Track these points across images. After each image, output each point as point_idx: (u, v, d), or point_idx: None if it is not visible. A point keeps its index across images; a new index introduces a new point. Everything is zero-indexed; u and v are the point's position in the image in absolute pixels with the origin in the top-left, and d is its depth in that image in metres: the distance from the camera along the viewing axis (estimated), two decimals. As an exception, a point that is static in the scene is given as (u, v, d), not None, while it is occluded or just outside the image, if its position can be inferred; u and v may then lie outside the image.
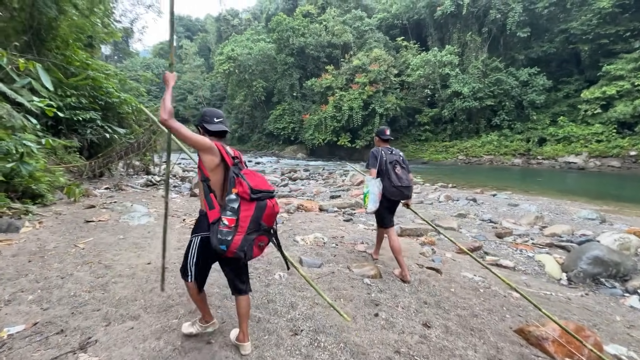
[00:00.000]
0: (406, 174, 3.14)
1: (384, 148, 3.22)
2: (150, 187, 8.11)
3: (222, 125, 1.89)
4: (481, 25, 26.21)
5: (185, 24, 57.15)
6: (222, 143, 1.84)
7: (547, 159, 22.61)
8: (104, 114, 12.85)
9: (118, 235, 3.84)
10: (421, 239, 5.04)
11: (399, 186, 3.05)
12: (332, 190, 10.54)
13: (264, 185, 1.68)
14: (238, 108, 39.73)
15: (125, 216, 4.58)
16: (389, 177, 3.04)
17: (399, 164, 3.13)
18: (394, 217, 3.37)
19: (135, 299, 2.40)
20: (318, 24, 31.53)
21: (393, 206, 3.24)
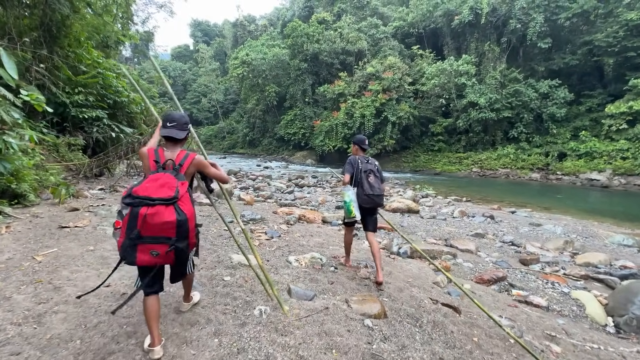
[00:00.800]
0: (379, 183, 3.21)
1: (360, 157, 3.30)
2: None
3: (169, 130, 1.89)
4: (500, 35, 25.42)
5: (204, 29, 58.17)
6: (170, 148, 1.90)
7: (568, 175, 21.44)
8: (112, 112, 12.68)
9: (88, 246, 3.37)
10: (435, 261, 4.41)
11: (370, 194, 3.11)
12: (339, 200, 9.97)
13: (151, 191, 1.60)
14: (250, 112, 39.76)
15: (106, 223, 4.13)
16: (362, 186, 3.12)
17: (373, 173, 3.19)
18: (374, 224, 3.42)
19: (72, 338, 1.88)
20: (333, 31, 31.33)
21: (365, 213, 3.27)
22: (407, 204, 8.60)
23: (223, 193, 2.56)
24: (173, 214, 1.58)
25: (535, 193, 16.64)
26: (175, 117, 1.91)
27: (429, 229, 6.65)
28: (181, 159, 1.85)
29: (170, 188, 1.63)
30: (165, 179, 1.67)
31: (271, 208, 7.30)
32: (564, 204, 13.01)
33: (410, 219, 7.64)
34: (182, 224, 1.60)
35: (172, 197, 1.60)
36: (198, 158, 1.93)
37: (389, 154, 28.24)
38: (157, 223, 1.56)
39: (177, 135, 1.90)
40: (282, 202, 8.46)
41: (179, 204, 1.62)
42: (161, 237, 1.59)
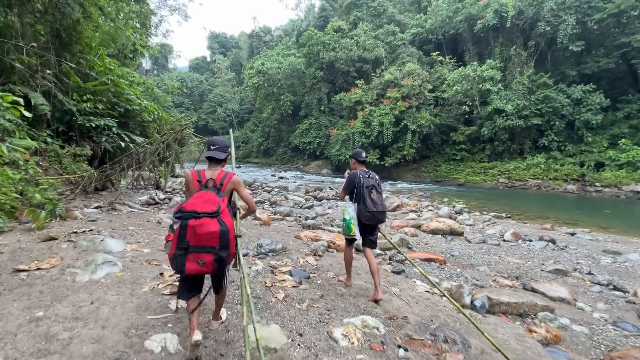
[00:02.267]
0: (381, 198, 3.09)
1: (361, 171, 3.16)
2: (152, 207, 6.70)
3: (212, 152, 2.14)
4: (527, 39, 23.86)
5: (220, 41, 58.77)
6: (212, 168, 2.13)
7: (608, 187, 19.42)
8: (124, 121, 11.98)
9: (37, 309, 2.26)
10: (525, 322, 3.08)
11: (373, 211, 2.98)
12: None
13: (198, 206, 1.81)
14: (265, 121, 39.20)
15: (81, 262, 3.04)
16: (365, 202, 2.99)
17: (375, 189, 3.06)
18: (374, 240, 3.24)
19: None
20: (349, 39, 30.50)
21: (367, 229, 3.13)
22: (449, 224, 7.26)
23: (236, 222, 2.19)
24: (217, 225, 1.80)
25: (578, 208, 14.84)
26: (217, 142, 2.19)
27: (488, 259, 5.30)
28: (221, 178, 2.08)
29: (213, 204, 1.85)
30: (208, 196, 1.90)
31: (292, 230, 6.12)
32: (621, 221, 11.28)
33: (457, 244, 6.30)
34: (224, 234, 1.82)
35: (215, 211, 1.82)
36: (235, 178, 2.14)
37: (409, 164, 26.79)
38: (203, 233, 1.77)
39: (219, 156, 2.13)
40: (304, 221, 7.27)
41: (221, 217, 1.84)
42: (207, 246, 1.80)
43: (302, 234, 5.51)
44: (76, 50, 10.11)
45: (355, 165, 3.27)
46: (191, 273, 1.83)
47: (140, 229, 4.76)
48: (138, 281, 2.84)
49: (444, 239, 6.85)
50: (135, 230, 4.68)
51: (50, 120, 8.84)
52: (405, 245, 5.98)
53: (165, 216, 5.79)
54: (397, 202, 10.95)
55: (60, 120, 9.06)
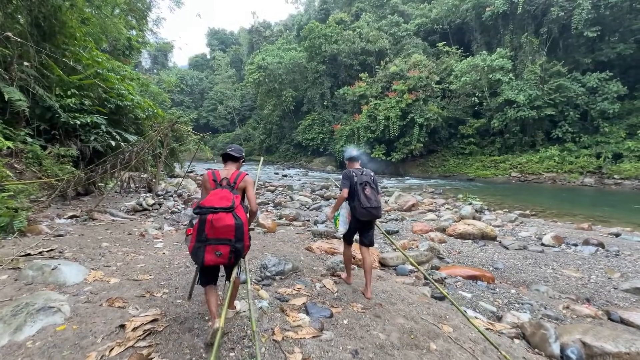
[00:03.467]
0: (375, 194, 3.06)
1: (354, 169, 3.19)
2: (138, 214, 5.76)
3: (228, 150, 2.40)
4: (538, 26, 22.59)
5: (220, 37, 57.52)
6: (227, 167, 2.37)
7: (628, 179, 18.31)
8: (116, 118, 11.07)
9: None
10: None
11: (367, 207, 2.95)
12: (382, 219, 7.76)
13: (215, 202, 1.96)
14: (267, 118, 38.19)
15: (7, 309, 2.09)
16: (359, 199, 2.98)
17: (369, 185, 3.05)
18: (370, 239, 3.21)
19: None
20: (351, 31, 29.30)
21: (363, 226, 3.13)
22: (480, 228, 6.27)
23: None
24: (232, 219, 1.95)
25: (603, 202, 13.76)
26: (234, 145, 2.49)
27: (542, 273, 4.32)
28: (235, 177, 2.25)
29: (228, 200, 2.00)
30: (223, 193, 2.06)
31: (301, 239, 5.18)
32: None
33: (494, 252, 5.32)
34: (239, 227, 1.97)
35: (229, 207, 1.97)
36: (248, 177, 2.32)
37: (415, 159, 25.72)
38: (221, 226, 1.92)
39: (234, 153, 2.37)
40: (313, 227, 6.32)
41: (235, 211, 1.98)
42: (223, 238, 1.94)
43: (314, 246, 4.56)
44: (59, 42, 9.14)
45: (348, 164, 3.33)
46: (210, 264, 1.97)
47: (116, 246, 3.83)
48: (83, 341, 1.89)
49: (476, 245, 5.87)
50: (110, 247, 3.74)
51: (29, 118, 7.93)
52: (436, 255, 5.01)
53: (153, 226, 4.86)
54: (411, 200, 9.96)
55: (42, 117, 8.14)
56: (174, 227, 5.22)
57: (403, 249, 5.23)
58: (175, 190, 8.41)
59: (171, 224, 5.43)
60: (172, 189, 8.47)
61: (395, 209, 9.66)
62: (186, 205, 6.38)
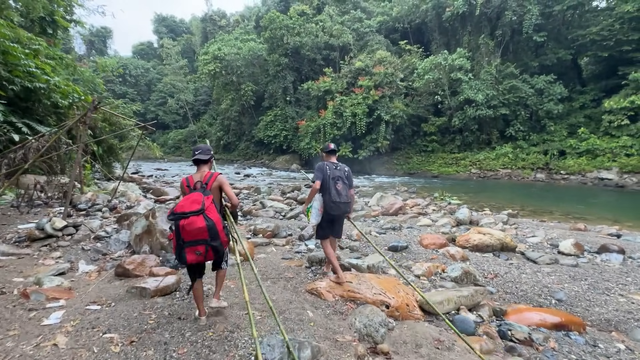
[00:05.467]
0: (346, 189, 3.10)
1: (329, 162, 3.18)
2: (37, 245, 3.68)
3: (197, 155, 2.43)
4: (494, 28, 23.32)
5: (168, 25, 51.85)
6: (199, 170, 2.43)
7: (573, 174, 19.58)
8: (25, 105, 8.46)
9: None
10: None
11: (337, 202, 2.98)
12: (377, 226, 6.45)
13: (185, 207, 2.07)
14: (224, 114, 35.13)
15: None
16: (329, 192, 2.99)
17: (341, 180, 3.07)
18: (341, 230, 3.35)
19: None
20: (314, 24, 27.81)
21: (334, 220, 3.15)
22: (498, 238, 5.26)
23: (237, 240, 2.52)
24: (203, 221, 2.05)
25: (564, 197, 14.19)
26: (200, 147, 2.51)
27: (615, 304, 3.31)
28: (207, 178, 2.35)
29: (198, 203, 2.10)
30: (194, 196, 2.15)
31: (294, 273, 3.61)
32: (621, 213, 10.46)
33: (532, 271, 4.29)
34: (211, 227, 2.08)
35: (199, 210, 2.07)
36: (220, 177, 2.39)
37: (381, 156, 25.24)
38: (193, 229, 2.04)
39: (203, 157, 2.44)
40: (303, 247, 4.79)
41: (206, 213, 2.09)
42: (199, 239, 2.07)
43: (320, 287, 3.03)
44: None
45: (324, 157, 3.30)
46: (192, 262, 2.14)
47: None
48: None
49: (500, 259, 4.84)
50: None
51: None
52: (471, 282, 3.81)
53: (54, 269, 2.92)
54: (397, 203, 8.86)
55: None
56: (96, 266, 3.30)
57: (428, 275, 3.95)
58: (108, 201, 6.21)
59: (93, 258, 3.49)
60: (104, 199, 6.24)
61: (382, 213, 8.48)
62: (120, 226, 4.37)
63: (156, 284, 2.63)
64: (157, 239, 3.59)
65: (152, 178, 16.74)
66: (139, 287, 2.60)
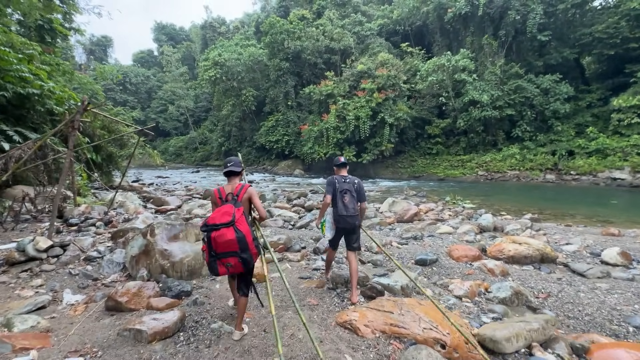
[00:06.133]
0: (354, 202, 3.09)
1: (338, 176, 3.21)
2: (16, 271, 3.14)
3: (228, 168, 2.48)
4: (497, 29, 22.94)
5: (168, 32, 51.79)
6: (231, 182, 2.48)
7: (584, 175, 19.00)
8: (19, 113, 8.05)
9: None
10: None
11: (343, 215, 3.04)
12: (395, 235, 5.90)
13: (217, 219, 2.11)
14: (225, 119, 34.74)
15: None
16: (337, 206, 3.07)
17: (349, 193, 3.09)
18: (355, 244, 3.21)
19: None
20: (315, 28, 27.53)
21: (345, 234, 3.19)
22: (537, 247, 4.71)
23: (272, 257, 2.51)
24: (233, 233, 2.08)
25: (580, 199, 13.62)
26: (232, 159, 2.54)
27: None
28: (238, 190, 2.38)
29: (229, 215, 2.13)
30: (225, 208, 2.18)
31: (317, 297, 3.07)
32: None
33: (579, 285, 3.73)
34: (241, 239, 2.09)
35: (230, 221, 2.10)
36: (250, 189, 2.44)
37: (385, 160, 24.74)
38: (223, 241, 2.07)
39: (236, 169, 2.47)
40: (319, 262, 4.24)
41: (236, 225, 2.11)
42: (229, 251, 2.10)
43: (352, 319, 2.47)
44: None
45: (335, 171, 3.30)
46: (223, 274, 2.24)
47: None
48: None
49: (542, 273, 4.29)
50: None
51: None
52: (522, 304, 3.26)
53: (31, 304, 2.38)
54: (412, 209, 8.31)
55: None
56: (84, 295, 2.75)
57: (471, 296, 3.39)
58: (105, 213, 5.68)
59: (81, 285, 2.94)
60: (100, 211, 5.71)
61: (397, 220, 7.93)
62: (115, 244, 3.82)
63: (155, 325, 2.10)
64: (157, 261, 3.05)
65: (153, 186, 16.23)
66: (133, 329, 2.06)
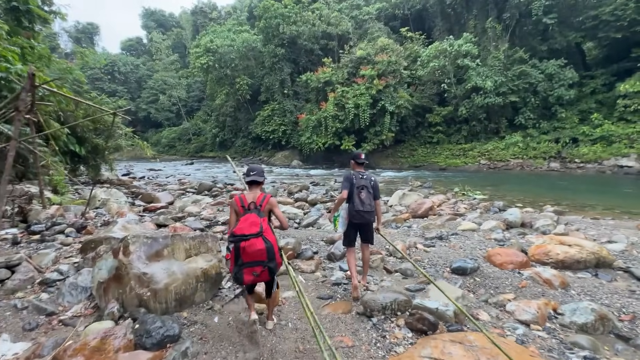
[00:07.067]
0: (370, 199, 3.08)
1: (355, 172, 3.18)
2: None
3: (252, 177, 2.39)
4: (500, 11, 21.90)
5: (157, 19, 49.36)
6: (252, 191, 2.40)
7: (589, 163, 18.46)
8: None
9: None
10: None
11: (360, 210, 3.02)
12: (416, 234, 5.16)
13: (245, 230, 2.09)
14: (219, 109, 33.41)
15: None
16: (353, 201, 3.04)
17: (366, 189, 3.08)
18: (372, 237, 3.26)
19: None
20: (311, 12, 26.14)
21: (359, 229, 3.20)
22: (592, 250, 3.99)
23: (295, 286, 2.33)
24: (262, 243, 2.09)
25: (591, 188, 13.01)
26: (255, 168, 2.48)
27: None
28: (260, 200, 2.30)
29: (256, 225, 2.12)
30: (252, 218, 2.16)
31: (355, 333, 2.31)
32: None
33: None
34: (269, 249, 2.11)
35: (259, 232, 2.10)
36: (272, 199, 2.37)
37: (385, 150, 23.91)
38: (253, 251, 2.07)
39: (259, 179, 2.40)
40: (339, 275, 3.48)
41: (264, 235, 2.12)
42: (257, 261, 2.11)
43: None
44: None
45: (353, 166, 3.27)
46: (249, 283, 2.25)
47: None
48: None
49: (604, 282, 3.57)
50: None
51: None
52: (608, 331, 2.53)
53: None
54: (427, 203, 7.55)
55: None
56: (29, 342, 1.93)
57: (542, 322, 2.63)
58: (82, 214, 4.80)
59: (27, 327, 2.11)
60: (77, 212, 4.82)
61: (411, 215, 7.17)
62: (84, 259, 2.93)
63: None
64: (132, 289, 2.23)
65: (143, 180, 15.24)
66: None
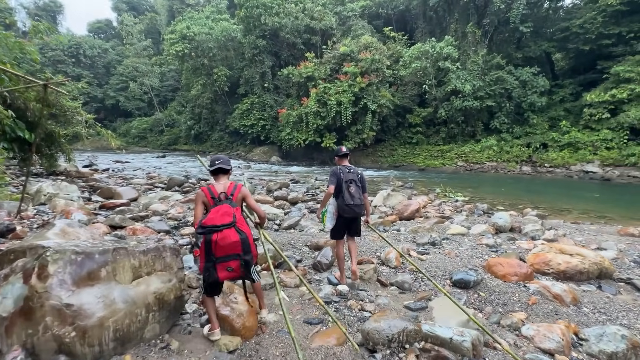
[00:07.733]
0: (359, 192, 3.08)
1: (342, 166, 3.18)
2: None
3: (217, 165, 2.26)
4: (481, 17, 22.31)
5: (130, 1, 45.98)
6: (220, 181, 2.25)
7: (557, 167, 19.27)
8: None
9: None
10: None
11: (350, 204, 3.00)
12: (407, 239, 4.74)
13: (216, 220, 1.95)
14: (195, 101, 31.69)
15: None
16: (343, 196, 3.01)
17: (354, 183, 3.06)
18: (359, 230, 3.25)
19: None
20: (294, 5, 25.29)
21: (349, 223, 3.15)
22: (594, 260, 3.74)
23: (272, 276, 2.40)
24: (236, 234, 1.96)
25: (562, 192, 13.45)
26: (220, 157, 2.34)
27: None
28: (232, 190, 2.18)
29: (229, 215, 1.99)
30: (224, 209, 2.02)
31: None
32: (624, 207, 9.67)
33: None
34: (244, 240, 1.98)
35: (231, 222, 1.97)
36: (244, 189, 2.25)
37: (365, 148, 23.72)
38: (227, 244, 1.93)
39: (225, 166, 2.29)
40: (328, 290, 2.95)
41: (237, 225, 1.99)
42: (232, 254, 1.97)
43: None
44: None
45: (337, 161, 3.26)
46: (224, 279, 2.07)
47: None
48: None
49: (611, 295, 3.31)
50: None
51: None
52: None
53: None
54: (413, 204, 7.21)
55: None
56: None
57: (567, 351, 2.24)
58: (18, 212, 3.90)
59: None
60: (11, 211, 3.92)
61: (398, 217, 6.79)
62: None
63: None
64: (48, 328, 1.54)
65: (107, 173, 13.87)
66: None
